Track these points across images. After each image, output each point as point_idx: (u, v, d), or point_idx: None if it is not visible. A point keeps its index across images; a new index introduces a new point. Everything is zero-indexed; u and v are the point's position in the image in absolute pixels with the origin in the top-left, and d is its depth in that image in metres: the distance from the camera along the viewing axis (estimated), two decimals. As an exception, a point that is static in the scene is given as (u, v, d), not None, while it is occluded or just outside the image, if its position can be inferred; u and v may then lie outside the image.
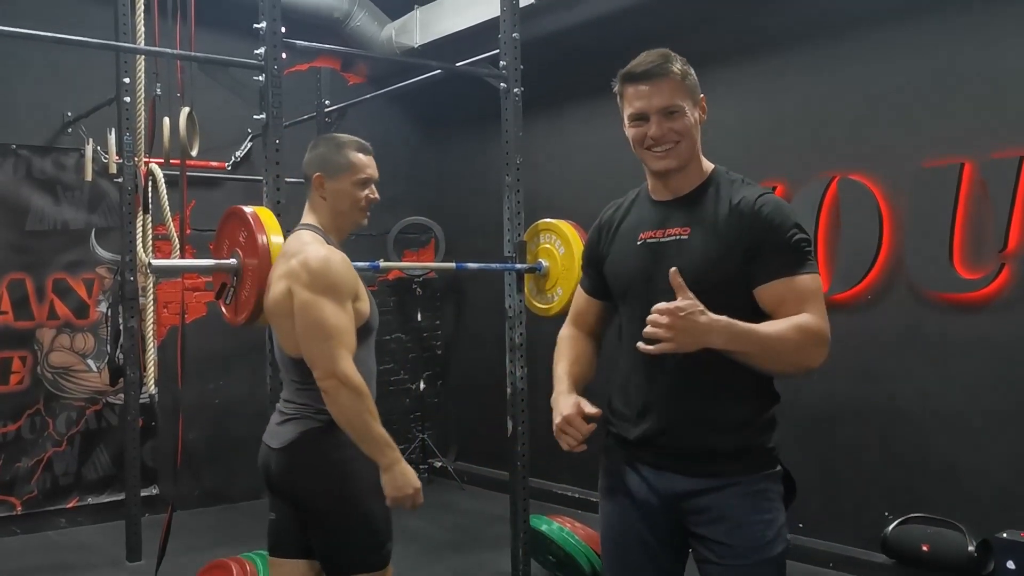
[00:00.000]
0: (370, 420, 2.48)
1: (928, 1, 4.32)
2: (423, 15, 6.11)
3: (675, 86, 2.14)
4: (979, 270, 4.10)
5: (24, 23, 3.56)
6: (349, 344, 2.49)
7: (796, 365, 2.04)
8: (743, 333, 1.95)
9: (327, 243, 2.62)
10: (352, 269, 2.59)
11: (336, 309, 2.49)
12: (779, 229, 2.05)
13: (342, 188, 2.69)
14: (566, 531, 4.07)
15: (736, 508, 2.11)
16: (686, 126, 2.14)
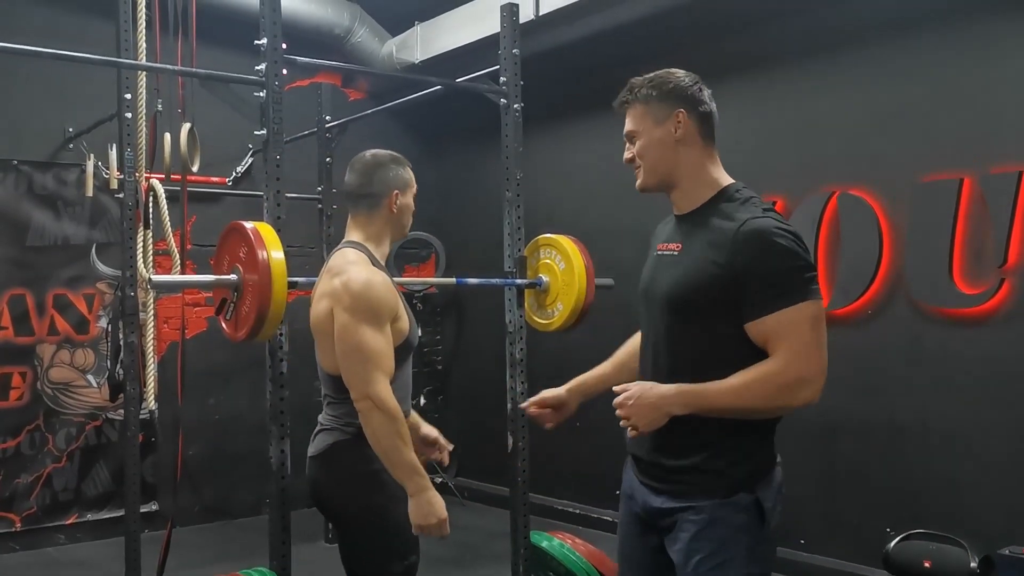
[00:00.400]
0: (400, 445, 2.51)
1: (927, 16, 4.34)
2: (423, 31, 6.13)
3: (634, 113, 2.29)
4: (979, 285, 4.10)
5: (25, 39, 3.57)
6: (386, 367, 2.55)
7: (772, 411, 2.08)
8: (697, 397, 2.05)
9: (372, 262, 2.69)
10: (392, 290, 2.65)
11: (375, 333, 2.55)
12: (758, 261, 2.04)
13: (407, 203, 2.83)
14: (567, 547, 4.05)
15: (685, 532, 2.12)
16: (643, 148, 2.25)
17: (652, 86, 2.28)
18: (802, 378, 2.02)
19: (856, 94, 4.57)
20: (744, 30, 5.09)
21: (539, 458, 4.25)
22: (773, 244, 2.04)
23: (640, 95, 2.27)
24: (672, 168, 2.24)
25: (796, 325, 2.00)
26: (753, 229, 2.06)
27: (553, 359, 5.98)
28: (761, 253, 2.04)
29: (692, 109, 2.25)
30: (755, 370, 2.03)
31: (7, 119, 5.52)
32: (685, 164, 2.23)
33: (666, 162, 2.24)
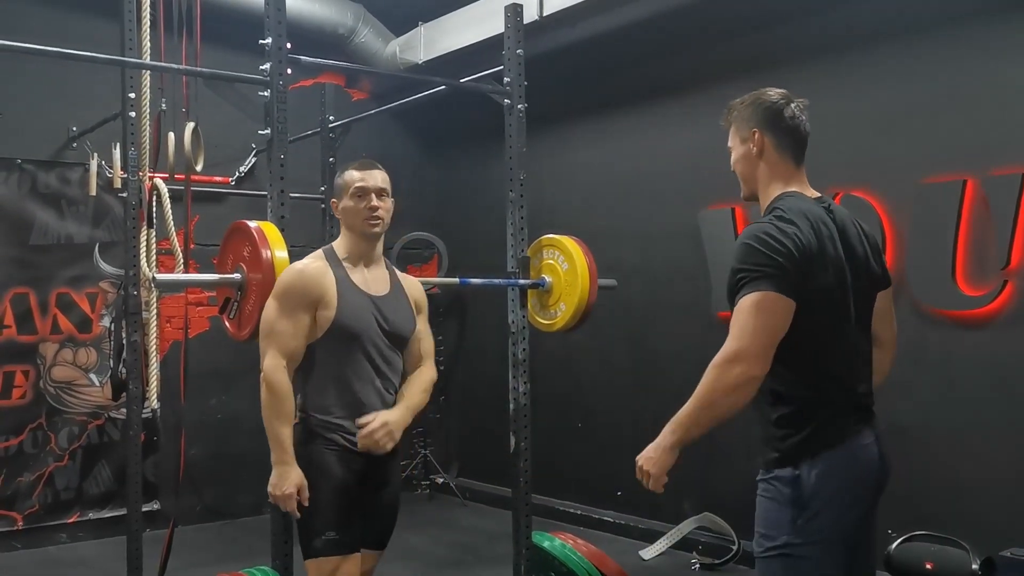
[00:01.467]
0: (272, 417, 2.77)
1: (930, 19, 4.34)
2: (427, 32, 6.14)
3: (729, 130, 2.53)
4: (982, 287, 4.09)
5: (30, 38, 3.58)
6: (282, 345, 2.80)
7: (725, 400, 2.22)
8: (673, 422, 2.27)
9: (326, 257, 2.93)
10: (319, 279, 2.85)
11: (277, 313, 2.81)
12: (732, 261, 2.28)
13: (345, 205, 2.96)
14: (568, 548, 4.05)
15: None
16: (734, 162, 2.51)
17: (744, 105, 2.50)
18: (731, 356, 2.20)
19: (859, 96, 4.57)
20: (747, 32, 5.09)
21: (541, 459, 4.26)
22: (739, 246, 2.28)
23: (732, 114, 2.51)
24: (755, 182, 2.49)
25: (736, 315, 2.24)
26: (742, 235, 2.32)
27: (556, 359, 5.99)
28: (733, 252, 2.30)
29: (768, 128, 2.45)
30: (703, 377, 2.25)
31: (11, 118, 5.53)
32: (762, 178, 2.48)
33: (750, 177, 2.49)
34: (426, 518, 6.25)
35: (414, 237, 6.82)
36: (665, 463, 2.29)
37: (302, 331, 2.83)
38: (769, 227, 2.29)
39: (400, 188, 7.04)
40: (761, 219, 2.35)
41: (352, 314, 2.86)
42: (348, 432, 2.87)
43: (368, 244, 2.98)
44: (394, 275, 3.10)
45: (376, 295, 2.95)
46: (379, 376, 2.93)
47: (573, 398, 6.05)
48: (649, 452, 2.31)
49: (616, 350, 5.77)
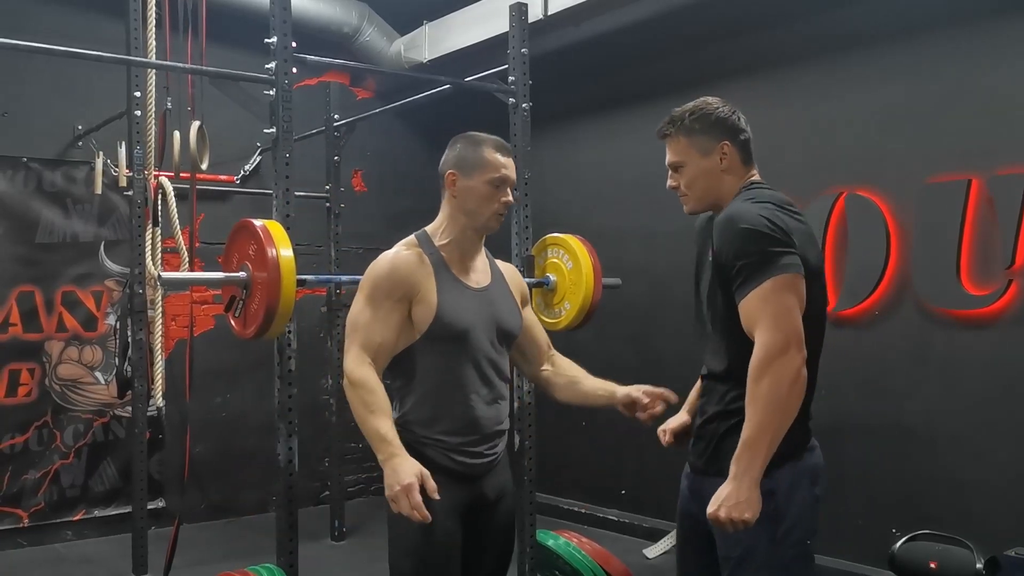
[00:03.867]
0: (365, 414, 2.37)
1: (935, 18, 4.33)
2: (432, 30, 6.14)
3: (678, 145, 2.39)
4: (987, 286, 4.09)
5: (36, 37, 3.59)
6: (367, 341, 2.42)
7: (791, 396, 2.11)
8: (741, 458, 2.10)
9: (420, 243, 2.56)
10: (412, 270, 2.48)
11: (364, 306, 2.47)
12: (727, 247, 2.20)
13: (473, 186, 2.54)
14: (573, 546, 4.05)
15: None
16: (691, 178, 2.38)
17: (695, 119, 2.37)
18: (780, 347, 2.09)
19: (864, 95, 4.57)
20: (752, 31, 5.09)
21: (545, 457, 4.26)
22: (738, 228, 2.18)
23: (683, 127, 2.37)
24: (719, 194, 2.38)
25: (760, 309, 2.12)
26: (723, 218, 2.24)
27: (560, 358, 5.99)
28: (730, 238, 2.20)
29: (734, 139, 2.39)
30: (749, 392, 2.12)
31: (17, 116, 5.54)
32: (730, 189, 2.38)
33: (714, 190, 2.38)
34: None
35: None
36: (756, 502, 2.10)
37: (392, 325, 2.45)
38: (761, 206, 2.23)
39: (404, 187, 7.11)
40: (743, 202, 2.28)
41: (455, 310, 2.49)
42: (455, 451, 2.48)
43: (478, 236, 2.61)
44: (493, 263, 2.72)
45: (479, 287, 2.59)
46: (486, 384, 2.55)
47: (577, 397, 6.05)
48: (731, 501, 2.09)
49: (620, 349, 5.76)
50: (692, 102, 2.42)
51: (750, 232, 2.17)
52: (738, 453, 2.11)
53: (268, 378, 3.55)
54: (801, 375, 2.11)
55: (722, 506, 2.09)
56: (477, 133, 2.63)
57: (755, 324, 2.13)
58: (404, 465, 2.28)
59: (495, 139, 2.61)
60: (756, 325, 2.13)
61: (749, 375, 2.11)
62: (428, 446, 2.46)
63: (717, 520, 2.11)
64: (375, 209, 6.74)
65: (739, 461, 2.11)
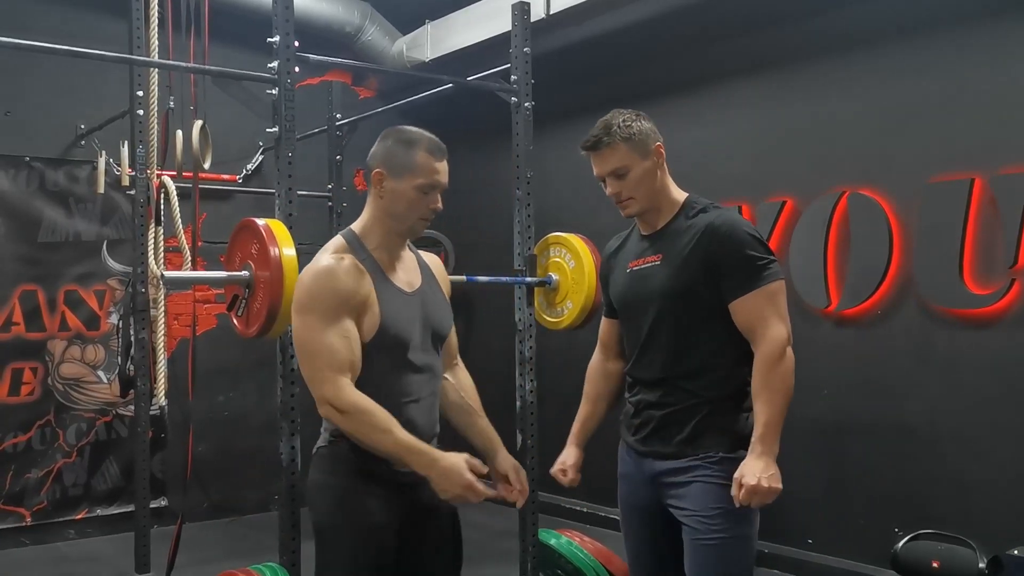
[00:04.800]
0: (379, 436, 2.24)
1: (938, 17, 4.33)
2: (434, 30, 6.14)
3: (617, 152, 2.51)
4: (989, 286, 4.09)
5: (38, 36, 3.59)
6: (336, 362, 2.25)
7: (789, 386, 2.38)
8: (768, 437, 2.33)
9: (353, 248, 2.39)
10: (354, 278, 2.33)
11: (321, 328, 2.26)
12: (732, 248, 2.41)
13: (402, 189, 2.40)
14: (575, 545, 4.06)
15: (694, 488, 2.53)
16: (635, 182, 2.53)
17: (628, 124, 2.51)
18: (787, 340, 2.39)
19: (866, 94, 4.56)
20: (754, 30, 5.08)
21: (547, 456, 4.25)
22: (745, 234, 2.42)
23: (623, 134, 2.49)
24: (661, 192, 2.57)
25: (769, 303, 2.39)
26: (726, 222, 2.44)
27: (562, 357, 5.98)
28: (736, 242, 2.41)
29: (661, 141, 2.57)
30: (759, 377, 2.38)
31: (20, 116, 5.54)
32: (662, 188, 2.57)
33: (656, 189, 2.56)
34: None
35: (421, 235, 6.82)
36: (779, 480, 2.32)
37: (355, 339, 2.30)
38: (746, 220, 2.57)
39: (407, 186, 7.05)
40: (727, 211, 2.54)
41: (397, 319, 2.38)
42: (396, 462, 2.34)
43: (404, 238, 2.51)
44: (420, 257, 2.61)
45: (413, 290, 2.47)
46: (425, 387, 2.46)
47: (579, 396, 6.04)
48: (767, 472, 2.30)
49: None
50: (610, 114, 2.56)
51: (755, 238, 2.43)
52: (762, 433, 2.32)
53: (271, 377, 3.56)
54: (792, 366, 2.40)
55: (761, 478, 2.27)
56: (411, 129, 2.49)
57: (760, 319, 2.39)
58: (452, 467, 2.27)
59: (430, 139, 2.46)
60: (762, 320, 2.38)
61: (764, 363, 2.36)
62: (369, 457, 2.32)
63: (756, 491, 2.27)
64: (377, 208, 6.72)
65: (765, 440, 2.32)
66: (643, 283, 2.57)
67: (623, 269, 2.68)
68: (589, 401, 2.96)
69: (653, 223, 2.60)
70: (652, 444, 2.57)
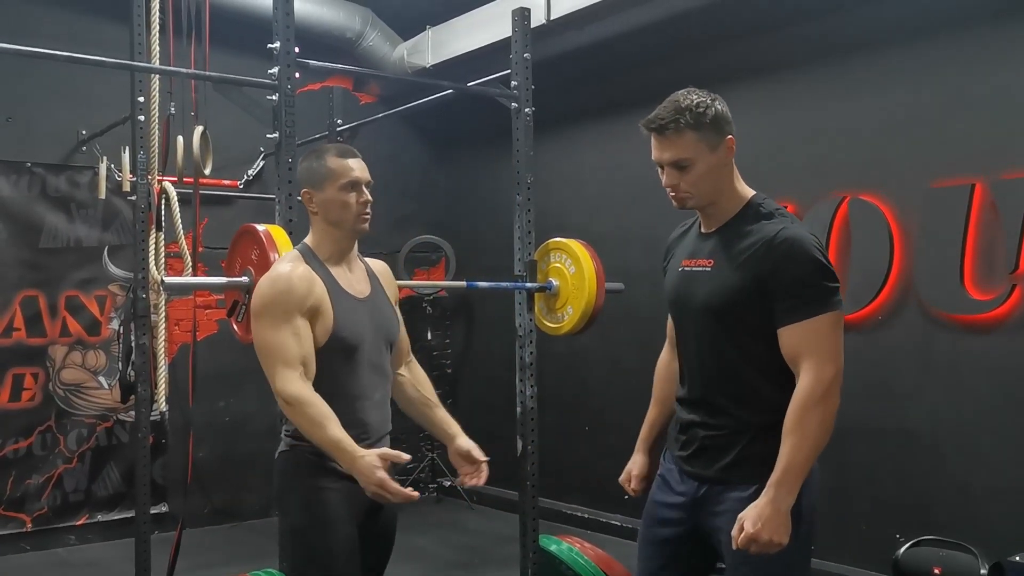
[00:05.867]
0: (315, 429, 2.38)
1: (938, 22, 4.33)
2: (435, 35, 6.15)
3: (685, 141, 2.22)
4: (990, 291, 4.08)
5: (39, 42, 3.59)
6: (287, 358, 2.41)
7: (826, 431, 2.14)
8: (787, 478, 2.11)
9: (305, 259, 2.55)
10: (307, 283, 2.48)
11: (274, 328, 2.43)
12: (790, 270, 2.15)
13: (328, 197, 2.57)
14: (576, 551, 4.05)
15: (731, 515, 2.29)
16: (697, 177, 2.25)
17: (701, 112, 2.22)
18: (832, 381, 2.13)
19: (868, 99, 4.56)
20: (756, 35, 5.08)
21: (548, 462, 4.26)
22: (807, 255, 2.16)
23: (693, 120, 2.21)
24: (722, 191, 2.30)
25: (817, 338, 2.13)
26: (787, 239, 2.17)
27: (563, 363, 5.99)
28: (795, 263, 2.15)
29: (733, 133, 2.29)
30: (791, 419, 2.13)
31: (21, 121, 5.55)
32: (727, 185, 2.31)
33: (719, 187, 2.29)
34: (433, 521, 6.25)
35: (422, 240, 6.83)
36: (790, 526, 2.13)
37: (306, 338, 2.45)
38: (816, 239, 2.22)
39: (408, 191, 7.12)
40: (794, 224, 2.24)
41: (349, 324, 2.53)
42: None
43: (352, 242, 2.63)
44: (368, 268, 2.74)
45: (364, 297, 2.63)
46: (377, 388, 2.61)
47: (580, 401, 6.05)
48: (773, 523, 2.10)
49: (623, 354, 5.76)
50: (681, 92, 2.27)
51: (819, 263, 2.16)
52: (779, 478, 2.12)
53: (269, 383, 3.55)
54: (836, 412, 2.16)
55: (764, 527, 2.10)
56: (320, 145, 2.70)
57: (806, 352, 2.14)
58: (366, 464, 2.33)
59: (336, 145, 2.68)
60: (808, 354, 2.13)
61: (801, 402, 2.12)
62: (325, 456, 2.45)
63: (756, 539, 2.11)
64: (378, 214, 6.61)
65: (781, 485, 2.12)
66: (690, 287, 2.36)
67: (676, 266, 2.45)
68: (657, 403, 2.68)
69: (713, 221, 2.34)
70: (695, 465, 2.36)
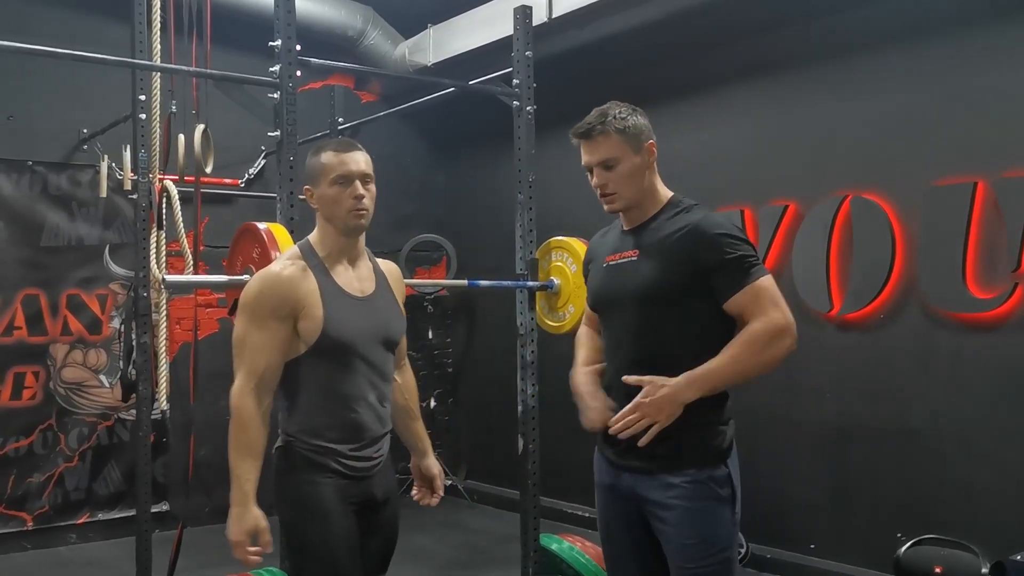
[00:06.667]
0: (232, 448, 2.51)
1: (940, 20, 4.32)
2: (436, 34, 6.14)
3: (609, 142, 2.44)
4: (992, 289, 4.08)
5: (40, 40, 3.59)
6: (251, 364, 2.48)
7: (765, 367, 2.31)
8: (704, 379, 2.27)
9: (304, 256, 2.52)
10: (292, 284, 2.45)
11: (248, 328, 2.47)
12: (721, 249, 2.32)
13: (324, 193, 2.52)
14: (576, 550, 4.05)
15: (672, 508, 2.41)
16: (623, 175, 2.44)
17: (624, 117, 2.45)
18: (783, 328, 2.30)
19: (869, 98, 4.56)
20: (757, 35, 5.08)
21: (549, 461, 4.25)
22: (731, 233, 2.36)
23: (617, 125, 2.43)
24: (646, 192, 2.48)
25: (764, 293, 2.31)
26: (711, 224, 2.37)
27: (564, 362, 5.97)
28: (722, 241, 2.33)
29: (654, 139, 2.50)
30: (743, 336, 2.30)
31: (22, 120, 5.55)
32: (650, 186, 2.50)
33: (642, 188, 2.47)
34: (434, 520, 6.24)
35: (423, 239, 6.82)
36: (675, 416, 2.27)
37: (276, 345, 2.45)
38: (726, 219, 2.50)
39: (409, 190, 7.11)
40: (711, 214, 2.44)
41: (341, 322, 2.47)
42: (343, 456, 2.51)
43: (351, 239, 2.57)
44: (377, 267, 2.70)
45: (364, 296, 2.57)
46: (373, 389, 2.56)
47: (582, 400, 6.04)
48: (661, 397, 2.25)
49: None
50: (605, 105, 2.52)
51: (743, 238, 2.37)
52: (698, 374, 2.27)
53: (272, 381, 3.54)
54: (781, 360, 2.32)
55: (658, 398, 2.26)
56: (322, 142, 2.66)
57: (760, 306, 2.29)
58: (244, 519, 2.48)
59: (335, 140, 2.66)
60: (762, 307, 2.29)
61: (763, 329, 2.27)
62: (319, 453, 2.51)
63: (646, 396, 2.26)
64: (379, 212, 6.57)
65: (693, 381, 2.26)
66: (618, 279, 2.48)
67: (600, 263, 2.59)
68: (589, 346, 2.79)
69: (635, 219, 2.51)
70: (628, 458, 2.40)
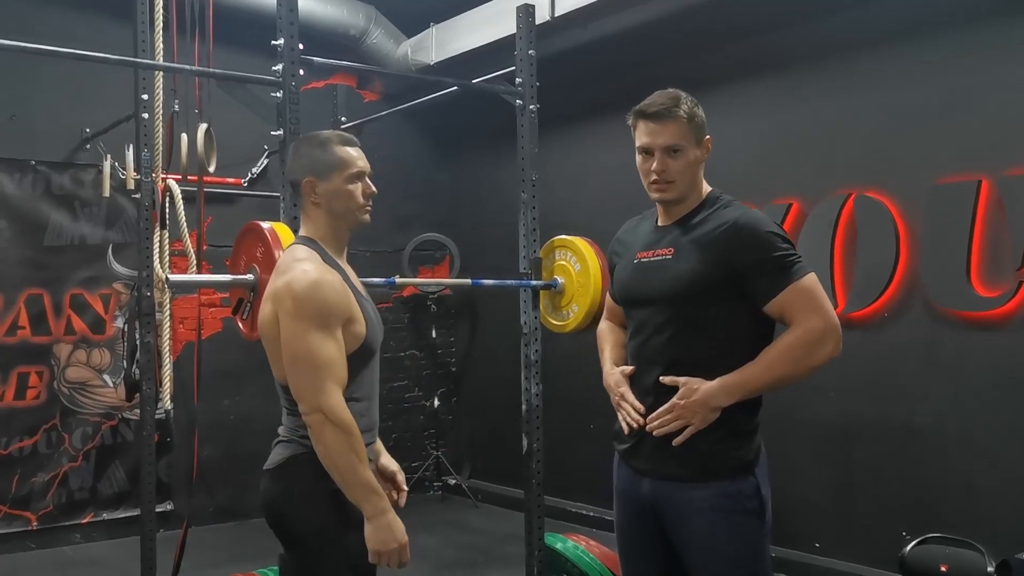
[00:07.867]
0: (355, 462, 2.26)
1: (943, 18, 4.32)
2: (439, 33, 6.14)
3: (680, 128, 2.35)
4: (996, 288, 4.07)
5: (43, 40, 3.59)
6: (338, 376, 2.31)
7: (805, 374, 2.24)
8: (739, 385, 2.21)
9: (323, 258, 2.42)
10: (344, 290, 2.38)
11: (324, 339, 2.29)
12: (761, 248, 2.25)
13: (335, 188, 2.45)
14: (581, 549, 4.05)
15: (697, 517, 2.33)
16: (685, 165, 2.36)
17: (694, 106, 2.38)
18: (825, 332, 2.21)
19: (873, 96, 4.55)
20: (760, 33, 5.07)
21: (553, 460, 4.25)
22: (771, 231, 2.28)
23: (689, 112, 2.35)
24: (693, 185, 2.41)
25: (809, 293, 2.23)
26: (750, 222, 2.29)
27: (568, 361, 5.98)
28: (763, 240, 2.26)
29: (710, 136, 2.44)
30: (781, 342, 2.23)
31: (25, 119, 5.55)
32: (699, 180, 2.43)
33: (694, 181, 2.40)
34: (438, 519, 6.25)
35: (426, 238, 6.82)
36: (709, 421, 2.21)
37: (344, 354, 2.35)
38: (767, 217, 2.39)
39: (412, 189, 7.12)
40: (751, 211, 2.37)
41: (373, 326, 2.45)
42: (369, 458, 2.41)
43: (349, 234, 2.55)
44: None
45: (366, 293, 2.54)
46: (378, 384, 2.57)
47: (586, 399, 6.02)
48: (697, 401, 2.20)
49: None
50: (670, 89, 2.43)
51: (783, 236, 2.30)
52: (733, 379, 2.21)
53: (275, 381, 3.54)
54: (823, 366, 2.23)
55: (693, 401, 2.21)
56: (318, 133, 2.55)
57: (796, 312, 2.21)
58: (397, 523, 2.31)
59: (337, 134, 2.55)
60: (805, 309, 2.21)
61: (803, 335, 2.19)
62: None
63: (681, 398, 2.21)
64: (382, 211, 6.68)
65: (727, 387, 2.21)
66: (651, 277, 2.38)
67: (630, 259, 2.49)
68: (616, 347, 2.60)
69: (675, 213, 2.42)
70: (650, 462, 2.33)
